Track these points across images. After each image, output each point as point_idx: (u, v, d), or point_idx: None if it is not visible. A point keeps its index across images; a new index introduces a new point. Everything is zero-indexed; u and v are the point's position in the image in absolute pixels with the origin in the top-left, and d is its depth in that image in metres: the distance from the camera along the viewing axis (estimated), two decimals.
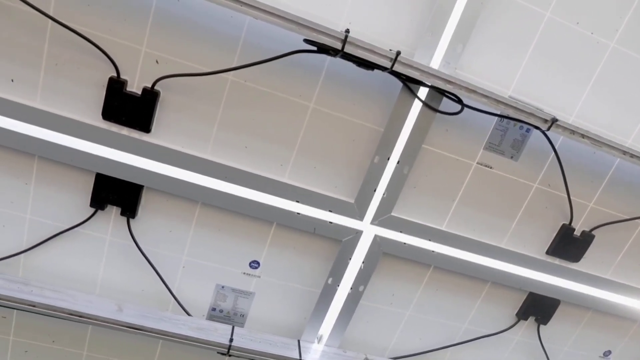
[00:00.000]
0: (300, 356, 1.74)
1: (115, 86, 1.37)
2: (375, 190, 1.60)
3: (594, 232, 1.84)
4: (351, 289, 1.75)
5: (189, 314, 1.72)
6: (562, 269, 1.88)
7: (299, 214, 1.59)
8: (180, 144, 1.48)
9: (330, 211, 1.61)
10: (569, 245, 1.83)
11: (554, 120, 1.49)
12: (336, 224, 1.63)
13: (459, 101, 1.49)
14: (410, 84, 1.45)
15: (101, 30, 1.32)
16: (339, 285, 1.74)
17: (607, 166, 1.75)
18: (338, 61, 1.40)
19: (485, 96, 1.43)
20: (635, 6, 1.51)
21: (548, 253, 1.85)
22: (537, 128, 1.54)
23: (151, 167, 1.47)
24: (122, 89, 1.37)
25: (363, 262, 1.71)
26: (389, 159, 1.55)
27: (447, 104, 1.50)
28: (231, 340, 1.67)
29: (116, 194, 1.50)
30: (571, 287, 1.92)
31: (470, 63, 1.50)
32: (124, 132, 1.43)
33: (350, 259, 1.69)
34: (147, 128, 1.43)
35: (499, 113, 1.54)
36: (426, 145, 1.59)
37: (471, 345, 2.01)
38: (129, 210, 1.53)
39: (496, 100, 1.45)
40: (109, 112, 1.39)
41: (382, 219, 1.64)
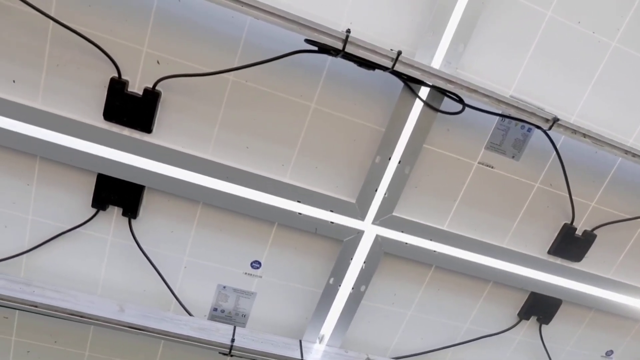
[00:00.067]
0: (302, 356, 1.74)
1: (117, 87, 1.37)
2: (376, 190, 1.59)
3: (595, 232, 1.83)
4: (353, 289, 1.75)
5: (190, 314, 1.72)
6: (563, 269, 1.88)
7: (300, 214, 1.59)
8: (182, 144, 1.48)
9: (331, 211, 1.61)
10: (570, 244, 1.83)
11: (555, 120, 1.49)
12: (337, 224, 1.63)
13: (460, 101, 1.49)
14: (411, 83, 1.45)
15: (102, 30, 1.32)
16: (340, 285, 1.74)
17: (609, 165, 1.75)
18: (339, 61, 1.40)
19: (487, 96, 1.43)
20: (636, 5, 1.50)
21: (550, 253, 1.85)
22: (538, 128, 1.54)
23: (152, 167, 1.47)
24: (123, 89, 1.37)
25: (364, 262, 1.71)
26: (390, 158, 1.55)
27: (448, 104, 1.50)
28: (233, 340, 1.67)
29: (117, 194, 1.50)
30: (573, 287, 1.92)
31: (472, 62, 1.50)
32: (125, 133, 1.43)
33: (351, 259, 1.69)
34: (148, 128, 1.43)
35: (500, 113, 1.54)
36: (427, 145, 1.59)
37: (473, 345, 2.01)
38: (131, 211, 1.53)
39: (497, 100, 1.44)
40: (110, 113, 1.39)
41: (384, 218, 1.64)
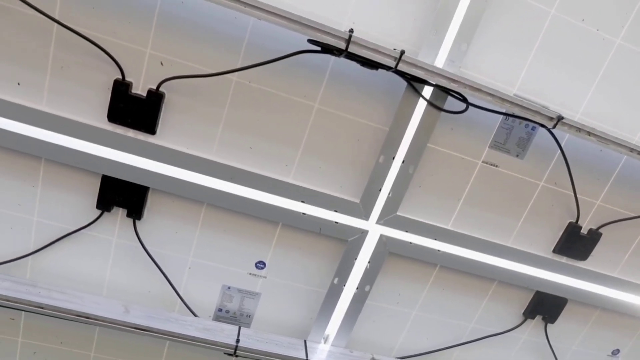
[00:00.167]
0: (306, 356, 1.74)
1: (121, 88, 1.37)
2: (380, 190, 1.59)
3: (601, 230, 1.82)
4: (357, 288, 1.75)
5: (195, 314, 1.72)
6: (569, 268, 1.87)
7: (304, 214, 1.59)
8: (186, 145, 1.48)
9: (335, 211, 1.61)
10: (575, 243, 1.82)
11: (559, 118, 1.48)
12: (342, 224, 1.63)
13: (463, 100, 1.48)
14: (414, 83, 1.45)
15: (106, 32, 1.33)
16: (345, 285, 1.74)
17: (614, 164, 1.74)
18: (342, 61, 1.40)
19: (490, 94, 1.43)
20: None
21: (555, 251, 1.84)
22: (542, 126, 1.54)
23: (157, 168, 1.47)
24: (127, 91, 1.38)
25: (369, 261, 1.70)
26: (394, 158, 1.55)
27: (452, 103, 1.50)
28: (238, 340, 1.67)
29: (122, 195, 1.50)
30: (578, 286, 1.91)
31: (475, 61, 1.50)
32: (129, 134, 1.43)
33: (356, 258, 1.69)
34: (152, 130, 1.43)
35: (504, 111, 1.54)
36: (431, 144, 1.59)
37: (478, 345, 2.00)
38: (135, 212, 1.54)
39: (501, 99, 1.44)
40: (114, 114, 1.40)
41: (388, 218, 1.64)
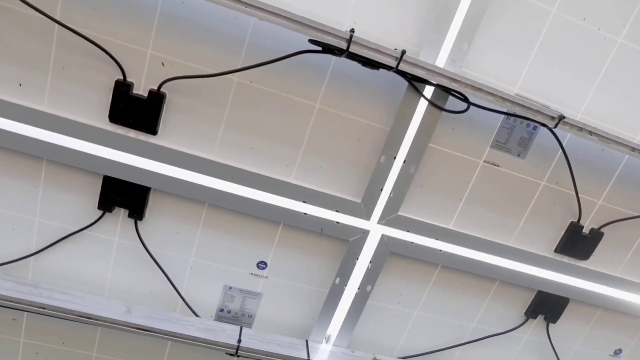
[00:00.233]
0: (308, 356, 1.74)
1: (122, 89, 1.37)
2: (381, 190, 1.59)
3: (602, 230, 1.82)
4: (359, 288, 1.75)
5: (197, 315, 1.72)
6: (571, 267, 1.87)
7: (305, 214, 1.59)
8: (187, 145, 1.48)
9: (337, 211, 1.61)
10: (577, 243, 1.82)
11: (561, 118, 1.48)
12: (343, 224, 1.63)
13: (465, 99, 1.48)
14: (415, 82, 1.45)
15: (107, 33, 1.33)
16: (346, 285, 1.74)
17: (616, 163, 1.74)
18: (343, 61, 1.40)
19: (492, 94, 1.43)
20: None
21: (557, 251, 1.84)
22: (544, 125, 1.53)
23: (158, 169, 1.47)
24: (128, 91, 1.38)
25: (370, 261, 1.70)
26: (395, 158, 1.55)
27: (453, 103, 1.50)
28: (239, 341, 1.67)
29: (123, 196, 1.50)
30: (580, 285, 1.91)
31: (476, 61, 1.50)
32: (130, 135, 1.44)
33: (357, 258, 1.69)
34: (153, 130, 1.44)
35: (505, 111, 1.53)
36: (432, 144, 1.58)
37: (480, 345, 2.00)
38: (137, 212, 1.54)
39: (502, 98, 1.44)
40: (115, 115, 1.40)
41: (389, 218, 1.64)
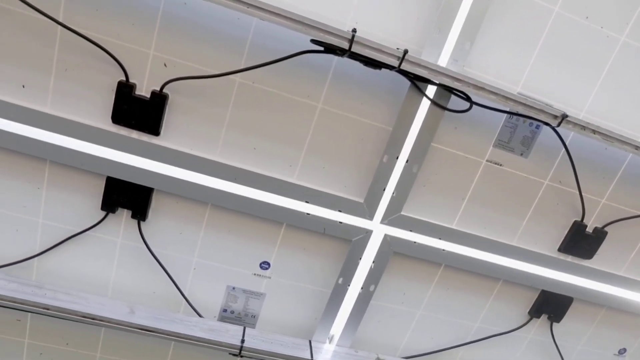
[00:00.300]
0: (311, 356, 1.74)
1: (124, 90, 1.38)
2: (384, 190, 1.59)
3: (606, 229, 1.81)
4: (362, 288, 1.75)
5: (200, 315, 1.72)
6: (574, 266, 1.86)
7: (308, 214, 1.59)
8: (189, 146, 1.49)
9: (339, 211, 1.61)
10: (581, 242, 1.81)
11: (564, 116, 1.48)
12: (346, 224, 1.63)
13: (467, 99, 1.48)
14: (418, 82, 1.45)
15: (109, 35, 1.33)
16: (349, 285, 1.73)
17: (619, 162, 1.73)
18: (345, 61, 1.39)
19: (494, 93, 1.42)
20: None
21: (560, 250, 1.83)
22: (547, 124, 1.53)
23: (161, 169, 1.48)
24: (131, 92, 1.38)
25: (373, 261, 1.70)
26: (397, 158, 1.55)
27: (455, 102, 1.50)
28: (243, 341, 1.67)
29: (127, 197, 1.51)
30: (584, 285, 1.90)
31: (479, 60, 1.49)
32: (133, 136, 1.44)
33: (360, 258, 1.69)
34: (156, 131, 1.44)
35: (508, 110, 1.53)
36: (435, 143, 1.58)
37: (483, 344, 2.00)
38: (140, 213, 1.54)
39: (505, 97, 1.43)
40: (118, 116, 1.40)
41: (392, 218, 1.64)
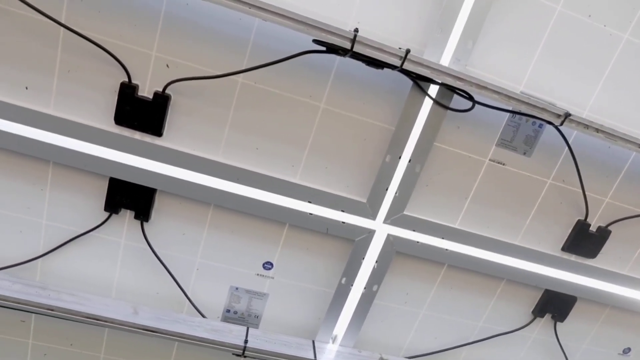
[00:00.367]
0: (315, 356, 1.74)
1: (127, 91, 1.38)
2: (387, 189, 1.59)
3: (610, 228, 1.81)
4: (365, 288, 1.74)
5: (203, 315, 1.72)
6: (578, 266, 1.86)
7: (311, 214, 1.59)
8: (192, 147, 1.49)
9: (342, 211, 1.61)
10: (584, 241, 1.81)
11: (567, 115, 1.47)
12: (349, 224, 1.63)
13: (469, 98, 1.48)
14: (420, 81, 1.45)
15: (112, 36, 1.33)
16: (352, 285, 1.73)
17: (623, 160, 1.72)
18: (347, 61, 1.39)
19: (497, 92, 1.42)
20: None
21: (564, 249, 1.83)
22: (549, 123, 1.52)
23: (164, 170, 1.48)
24: (133, 93, 1.38)
25: (376, 261, 1.70)
26: (400, 157, 1.55)
27: (458, 101, 1.49)
28: (246, 341, 1.67)
29: (130, 197, 1.51)
30: (588, 284, 1.89)
31: (481, 59, 1.49)
32: (136, 137, 1.44)
33: (363, 258, 1.69)
34: (158, 132, 1.44)
35: (510, 109, 1.53)
36: (438, 143, 1.58)
37: (487, 344, 1.99)
38: (143, 214, 1.54)
39: (507, 96, 1.43)
40: (121, 117, 1.41)
41: (395, 217, 1.64)
